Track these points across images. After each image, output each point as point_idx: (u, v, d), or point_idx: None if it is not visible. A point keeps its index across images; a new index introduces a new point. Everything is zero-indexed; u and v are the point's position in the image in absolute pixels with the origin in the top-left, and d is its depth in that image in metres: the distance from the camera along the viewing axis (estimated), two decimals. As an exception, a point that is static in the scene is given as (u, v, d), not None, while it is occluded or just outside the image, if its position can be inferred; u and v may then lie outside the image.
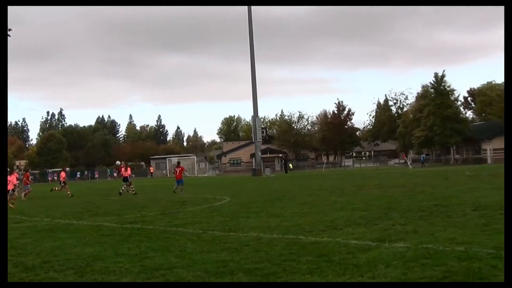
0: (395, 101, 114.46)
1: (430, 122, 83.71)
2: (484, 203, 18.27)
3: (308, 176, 61.25)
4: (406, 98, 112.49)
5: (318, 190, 31.07)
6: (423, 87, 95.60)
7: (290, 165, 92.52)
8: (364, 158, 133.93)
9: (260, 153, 76.25)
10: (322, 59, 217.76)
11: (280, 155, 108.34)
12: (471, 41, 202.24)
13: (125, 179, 37.36)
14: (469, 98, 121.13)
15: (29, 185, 38.90)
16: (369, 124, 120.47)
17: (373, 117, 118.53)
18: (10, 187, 28.16)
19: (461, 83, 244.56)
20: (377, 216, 16.30)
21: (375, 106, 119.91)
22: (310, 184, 40.20)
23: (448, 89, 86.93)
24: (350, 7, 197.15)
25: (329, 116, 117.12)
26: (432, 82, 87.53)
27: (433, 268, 8.81)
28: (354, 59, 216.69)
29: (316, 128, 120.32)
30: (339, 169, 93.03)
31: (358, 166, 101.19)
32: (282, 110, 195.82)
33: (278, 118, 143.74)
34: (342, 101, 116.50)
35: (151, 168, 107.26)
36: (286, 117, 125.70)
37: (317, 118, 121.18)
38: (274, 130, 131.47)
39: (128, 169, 38.55)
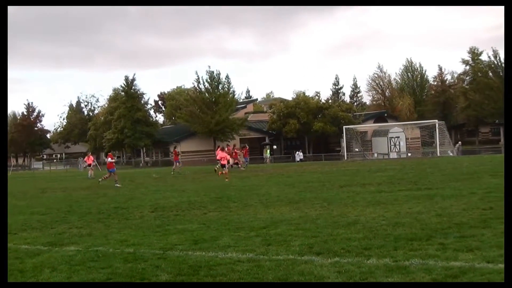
0: (86, 103, 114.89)
1: (121, 125, 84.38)
2: (163, 205, 18.94)
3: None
4: (97, 100, 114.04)
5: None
6: (114, 90, 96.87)
7: None
8: (55, 160, 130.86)
9: None
10: (19, 58, 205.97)
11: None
12: (170, 47, 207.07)
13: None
14: (160, 102, 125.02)
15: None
16: (59, 126, 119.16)
17: (64, 119, 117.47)
18: (224, 162, 32.88)
19: (155, 87, 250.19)
20: (55, 220, 16.08)
21: (67, 108, 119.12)
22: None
23: (138, 92, 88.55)
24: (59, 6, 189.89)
25: (18, 118, 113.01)
26: (123, 85, 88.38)
27: (99, 270, 8.95)
28: (55, 60, 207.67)
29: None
30: (28, 172, 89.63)
31: (48, 168, 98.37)
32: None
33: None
34: (32, 102, 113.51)
35: None
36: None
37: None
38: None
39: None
